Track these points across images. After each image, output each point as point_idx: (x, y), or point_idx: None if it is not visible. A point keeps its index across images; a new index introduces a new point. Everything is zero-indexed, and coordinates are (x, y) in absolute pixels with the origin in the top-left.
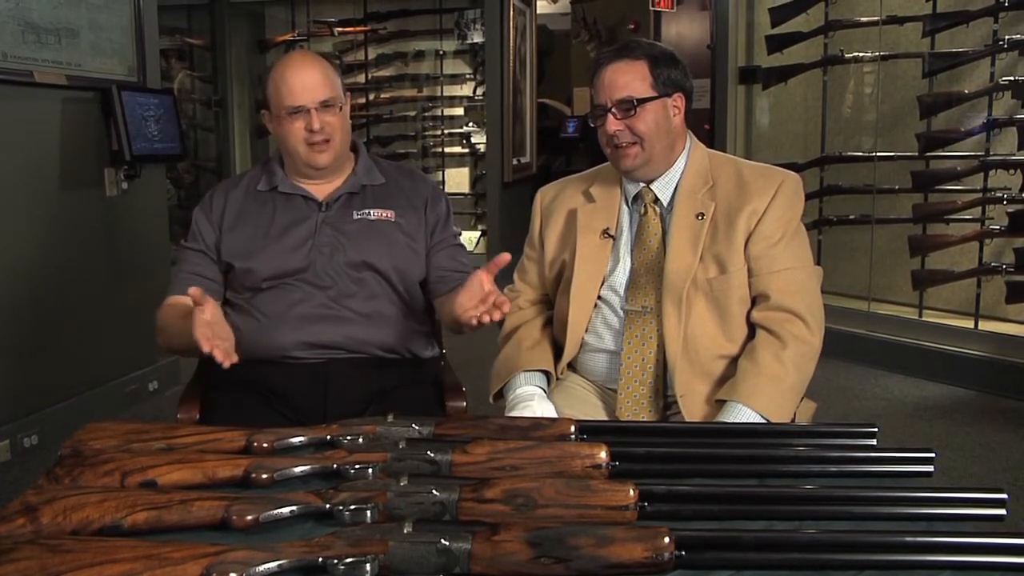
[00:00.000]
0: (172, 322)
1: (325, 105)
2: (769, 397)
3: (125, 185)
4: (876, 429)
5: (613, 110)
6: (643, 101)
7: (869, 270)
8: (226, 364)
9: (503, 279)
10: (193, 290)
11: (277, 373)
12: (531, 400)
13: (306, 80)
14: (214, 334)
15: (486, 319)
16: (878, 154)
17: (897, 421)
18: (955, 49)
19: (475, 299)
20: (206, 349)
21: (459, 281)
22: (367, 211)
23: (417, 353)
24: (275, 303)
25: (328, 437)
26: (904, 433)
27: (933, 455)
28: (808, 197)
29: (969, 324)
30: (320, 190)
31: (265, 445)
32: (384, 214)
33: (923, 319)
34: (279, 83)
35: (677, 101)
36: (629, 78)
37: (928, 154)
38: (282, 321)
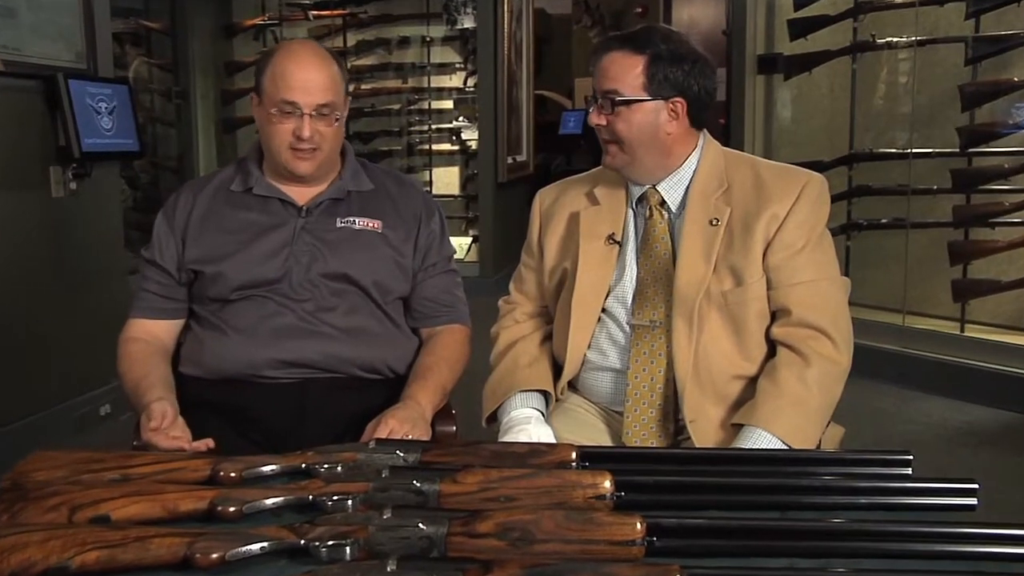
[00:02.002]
0: (129, 385)
1: (321, 112)
2: (791, 421)
3: (74, 185)
4: (911, 457)
5: (600, 101)
6: (629, 102)
7: (904, 280)
8: (203, 448)
9: (499, 289)
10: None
11: (247, 394)
12: (528, 424)
13: (309, 79)
14: (177, 435)
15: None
16: (914, 151)
17: (936, 448)
18: (1002, 32)
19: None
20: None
21: (447, 317)
22: (351, 219)
23: (401, 373)
24: (245, 316)
25: (303, 465)
26: (944, 461)
27: (976, 486)
28: (835, 199)
29: (1018, 340)
30: (301, 194)
31: (232, 475)
32: (370, 223)
33: (966, 335)
34: (278, 73)
35: (676, 106)
36: (621, 72)
37: (971, 150)
38: (253, 336)
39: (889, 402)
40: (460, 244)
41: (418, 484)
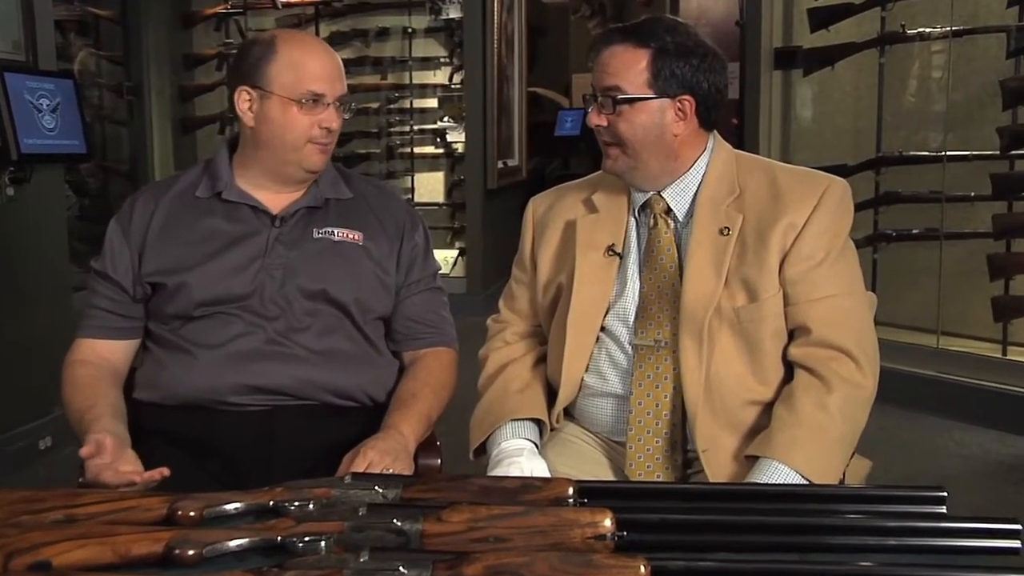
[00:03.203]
0: (74, 414)
1: (340, 103)
2: (811, 452)
3: (11, 191)
4: (946, 493)
5: (599, 99)
6: (632, 100)
7: (938, 297)
8: (158, 477)
9: (487, 308)
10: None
11: (209, 423)
12: (520, 456)
13: (333, 68)
14: (128, 470)
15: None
16: (949, 153)
17: (975, 484)
18: None
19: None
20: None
21: (432, 339)
22: (330, 230)
23: (380, 400)
24: (209, 335)
25: (271, 503)
26: (984, 499)
27: (1020, 527)
28: (860, 207)
29: None
30: (275, 201)
31: (192, 514)
32: (350, 235)
33: (1008, 358)
34: (297, 63)
35: (683, 104)
36: (623, 67)
37: (1013, 153)
38: (217, 358)
39: (922, 433)
40: (445, 258)
41: (399, 523)
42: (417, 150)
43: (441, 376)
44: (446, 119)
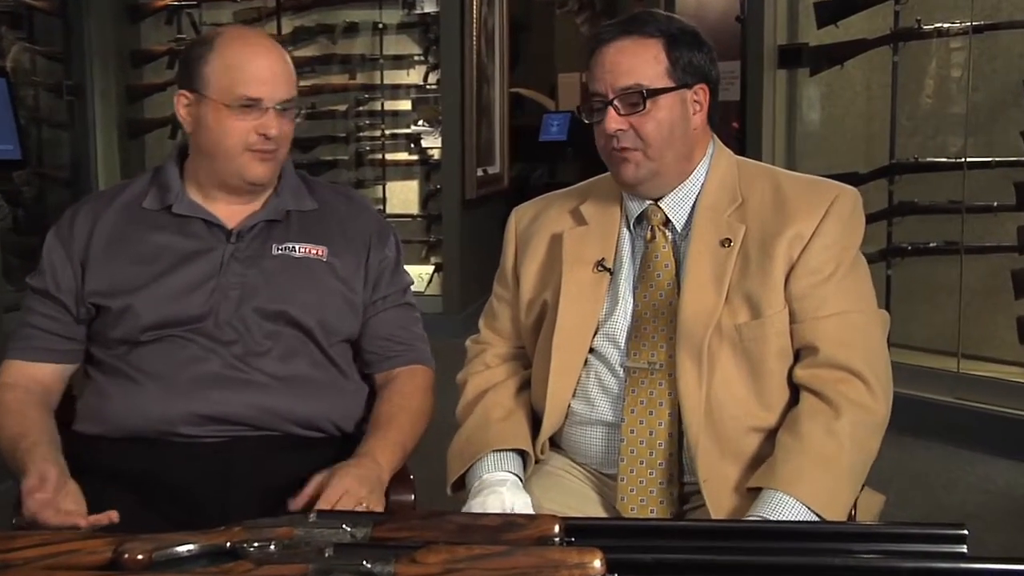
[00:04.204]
0: (5, 445)
1: (284, 108)
2: (818, 483)
3: None
4: (966, 531)
5: (616, 102)
6: (655, 93)
7: (958, 316)
8: (105, 521)
9: (466, 328)
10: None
11: (158, 457)
12: (501, 490)
13: (273, 69)
14: (71, 509)
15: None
16: (969, 160)
17: (1000, 521)
18: None
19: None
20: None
21: (406, 357)
22: (291, 245)
23: (348, 430)
24: (159, 361)
25: (228, 544)
26: (1008, 537)
27: None
28: (872, 218)
29: None
30: (230, 214)
31: (140, 557)
32: (313, 250)
33: None
34: (232, 64)
35: (699, 94)
36: (638, 61)
37: None
38: (168, 385)
39: (940, 465)
40: (420, 274)
41: (368, 565)
42: (389, 156)
43: (417, 400)
44: (420, 123)
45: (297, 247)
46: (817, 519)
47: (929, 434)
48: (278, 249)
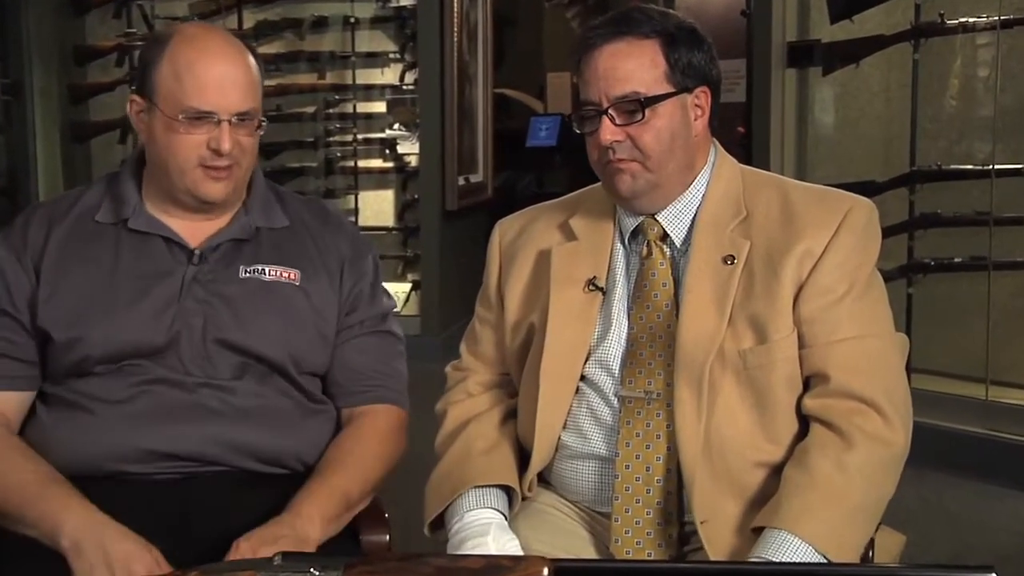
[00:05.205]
0: None
1: (242, 119)
2: (825, 522)
3: None
4: (995, 574)
5: (611, 111)
6: (654, 100)
7: (986, 339)
8: None
9: (446, 353)
10: None
11: (110, 495)
12: (486, 535)
13: (227, 76)
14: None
15: None
16: (997, 167)
17: None
18: None
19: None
20: None
21: (372, 394)
22: (260, 267)
23: (312, 463)
24: (111, 390)
25: None
26: None
27: None
28: (890, 232)
29: None
30: (193, 231)
31: None
32: (285, 274)
33: None
34: (182, 69)
35: (700, 98)
36: (634, 66)
37: None
38: (120, 418)
39: (968, 502)
40: (396, 292)
41: None
42: (362, 164)
43: (375, 445)
44: (396, 126)
45: (267, 269)
46: (824, 561)
47: (955, 468)
48: (246, 272)
